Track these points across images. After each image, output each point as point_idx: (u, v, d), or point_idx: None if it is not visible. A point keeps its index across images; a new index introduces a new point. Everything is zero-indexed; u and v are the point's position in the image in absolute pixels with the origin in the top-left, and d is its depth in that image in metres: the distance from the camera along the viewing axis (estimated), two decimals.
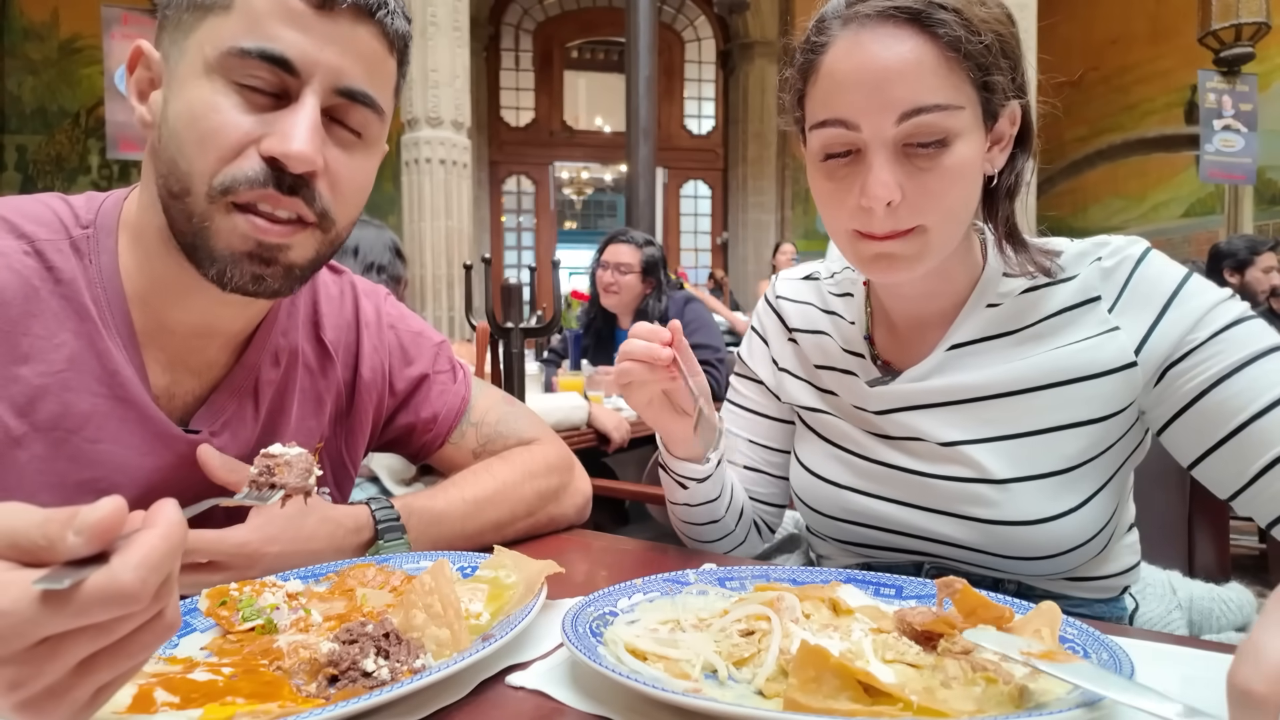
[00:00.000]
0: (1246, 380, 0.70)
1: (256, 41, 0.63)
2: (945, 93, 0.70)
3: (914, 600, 0.67)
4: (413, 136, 5.89)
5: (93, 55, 8.23)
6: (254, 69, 0.63)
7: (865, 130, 0.72)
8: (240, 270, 0.66)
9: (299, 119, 0.64)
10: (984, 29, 0.71)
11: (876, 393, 0.86)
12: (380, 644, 0.55)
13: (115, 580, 0.35)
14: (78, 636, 0.36)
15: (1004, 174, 0.80)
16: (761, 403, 1.02)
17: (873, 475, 0.88)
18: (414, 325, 0.98)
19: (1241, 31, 7.00)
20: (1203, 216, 8.56)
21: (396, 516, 0.81)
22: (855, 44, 0.72)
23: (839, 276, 0.97)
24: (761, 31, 10.16)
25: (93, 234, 0.71)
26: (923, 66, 0.70)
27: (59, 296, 0.69)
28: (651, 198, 5.45)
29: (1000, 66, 0.73)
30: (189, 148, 0.64)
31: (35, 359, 0.67)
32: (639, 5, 5.24)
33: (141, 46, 0.69)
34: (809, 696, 0.46)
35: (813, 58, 0.75)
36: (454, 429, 0.97)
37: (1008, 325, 0.82)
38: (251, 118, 0.64)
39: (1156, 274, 0.77)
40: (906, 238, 0.74)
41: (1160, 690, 0.43)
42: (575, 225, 12.12)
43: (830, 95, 0.74)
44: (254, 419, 0.80)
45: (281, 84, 0.65)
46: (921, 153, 0.72)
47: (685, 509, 0.94)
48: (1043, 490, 0.78)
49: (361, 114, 0.69)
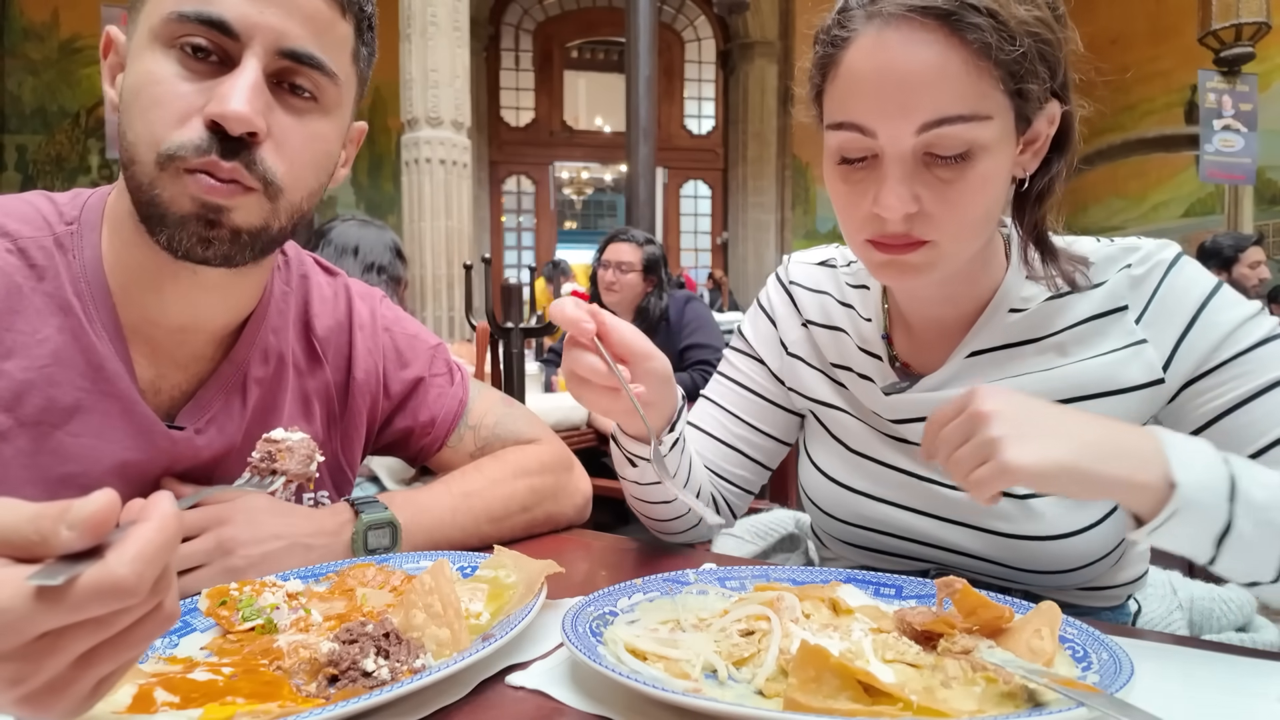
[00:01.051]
0: (1270, 405, 0.68)
1: (195, 6, 0.63)
2: (971, 102, 0.65)
3: (914, 600, 0.67)
4: (413, 136, 5.89)
5: (93, 55, 8.23)
6: (193, 32, 0.63)
7: (882, 138, 0.68)
8: (187, 232, 0.65)
9: (238, 81, 0.63)
10: (1021, 33, 0.65)
11: (892, 401, 0.83)
12: (380, 644, 0.55)
13: (111, 575, 0.34)
14: (76, 631, 0.35)
15: (1037, 177, 0.75)
16: (758, 381, 0.98)
17: (889, 482, 0.85)
18: (410, 328, 0.98)
19: (1241, 31, 7.00)
20: (1202, 216, 8.56)
21: (372, 499, 0.82)
22: (878, 43, 0.67)
23: (855, 266, 0.92)
24: (761, 31, 10.16)
25: (76, 229, 0.72)
26: (947, 74, 0.65)
27: (42, 293, 0.69)
28: (651, 198, 5.45)
29: (1036, 74, 0.67)
30: (136, 119, 0.64)
31: (19, 354, 0.67)
32: (639, 5, 5.24)
33: (111, 33, 0.69)
34: (809, 696, 0.46)
35: (833, 52, 0.71)
36: (452, 432, 0.97)
37: (1031, 333, 0.78)
38: (194, 85, 0.64)
39: (1185, 284, 0.74)
40: (918, 249, 0.71)
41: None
42: (575, 225, 12.12)
43: (848, 97, 0.69)
44: (241, 416, 0.80)
45: (222, 48, 0.64)
46: (942, 163, 0.67)
47: (635, 486, 0.89)
48: (1064, 504, 0.76)
49: (311, 76, 0.68)
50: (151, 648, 0.60)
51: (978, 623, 0.57)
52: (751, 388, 0.98)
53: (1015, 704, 0.48)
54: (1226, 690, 0.55)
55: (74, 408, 0.69)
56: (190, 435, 0.75)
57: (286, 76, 0.67)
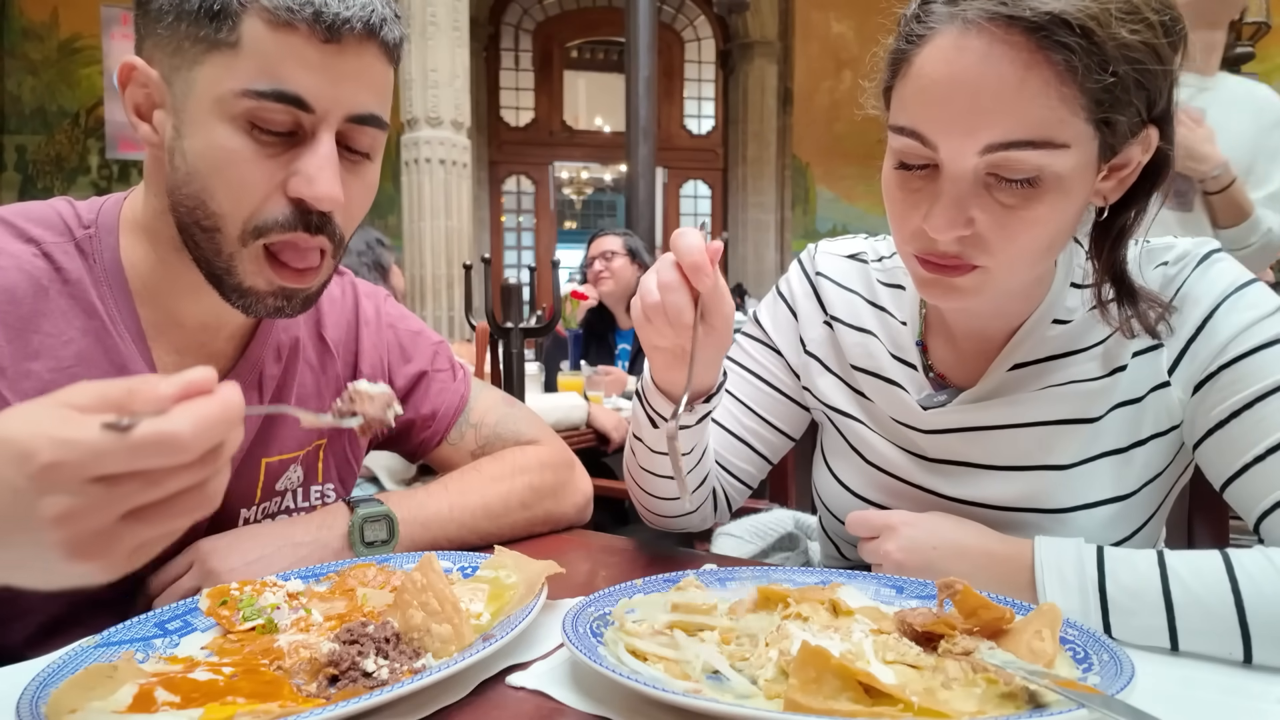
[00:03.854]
0: (1265, 412, 0.66)
1: (270, 83, 0.63)
2: (1047, 128, 0.59)
3: (914, 601, 0.67)
4: (412, 136, 5.89)
5: (92, 55, 8.23)
6: (269, 110, 0.64)
7: (943, 153, 0.63)
8: (264, 305, 0.71)
9: (319, 160, 0.66)
10: (1117, 58, 0.58)
11: (929, 414, 0.80)
12: (381, 645, 0.55)
13: (170, 426, 0.38)
14: (129, 481, 0.39)
15: (1120, 209, 0.68)
16: (774, 373, 0.93)
17: (911, 499, 0.83)
18: (413, 325, 1.01)
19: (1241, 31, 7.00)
20: None
21: (369, 497, 0.84)
22: (956, 48, 0.61)
23: (888, 263, 0.88)
24: (761, 31, 10.15)
25: (95, 233, 0.73)
26: (1025, 94, 0.59)
27: (67, 296, 0.71)
28: (651, 198, 5.45)
29: (1129, 105, 0.61)
30: (219, 192, 0.66)
31: (45, 355, 0.69)
32: (639, 5, 5.24)
33: (134, 63, 0.68)
34: (809, 697, 0.46)
35: (907, 49, 0.65)
36: (452, 426, 0.98)
37: (1072, 344, 0.75)
38: (273, 161, 0.66)
39: (1206, 284, 0.71)
40: (968, 273, 0.67)
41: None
42: (575, 225, 12.12)
43: (914, 101, 0.64)
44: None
45: (296, 120, 0.66)
46: (1006, 187, 0.62)
47: (645, 453, 0.83)
48: (1100, 520, 0.75)
49: (371, 135, 0.71)
50: (152, 647, 0.60)
51: (978, 624, 0.57)
52: (767, 379, 0.94)
53: (1016, 705, 0.48)
54: (1226, 691, 0.55)
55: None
56: None
57: (349, 138, 0.69)
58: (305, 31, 0.63)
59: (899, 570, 0.72)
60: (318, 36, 0.64)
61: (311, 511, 0.89)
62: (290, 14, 0.62)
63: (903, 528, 0.74)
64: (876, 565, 0.75)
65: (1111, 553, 0.65)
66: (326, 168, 0.66)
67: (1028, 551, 0.68)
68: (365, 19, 0.65)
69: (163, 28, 0.65)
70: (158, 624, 0.63)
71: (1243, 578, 0.60)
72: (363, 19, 0.65)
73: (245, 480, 0.82)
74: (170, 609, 0.65)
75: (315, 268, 0.71)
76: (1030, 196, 0.62)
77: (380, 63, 0.69)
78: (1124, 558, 0.65)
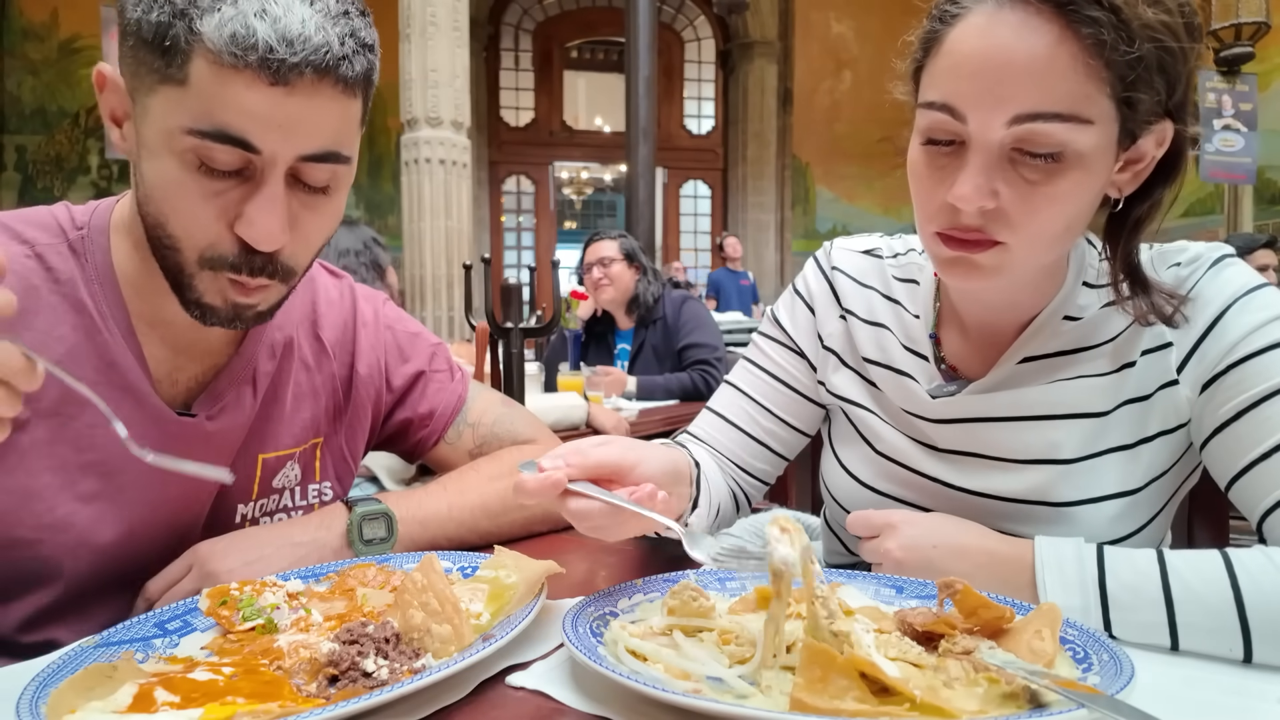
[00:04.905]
0: (1267, 414, 0.67)
1: (215, 125, 0.61)
2: (1073, 102, 0.62)
3: (914, 600, 0.67)
4: (412, 136, 5.89)
5: (92, 55, 8.24)
6: (215, 150, 0.62)
7: (972, 124, 0.65)
8: (217, 316, 0.71)
9: (261, 203, 0.64)
10: (1142, 36, 0.61)
11: (938, 403, 0.81)
12: (380, 645, 0.55)
13: None
14: None
15: (1135, 202, 0.71)
16: (791, 373, 0.94)
17: (919, 489, 0.83)
18: (411, 327, 1.01)
19: (1241, 31, 7.00)
20: (1203, 216, 8.56)
21: (368, 496, 0.85)
22: (988, 24, 0.63)
23: (902, 259, 0.90)
24: (761, 31, 10.16)
25: (87, 234, 0.75)
26: (1054, 67, 0.61)
27: (58, 294, 0.72)
28: (651, 198, 5.46)
29: (1151, 84, 0.63)
30: (172, 221, 0.66)
31: (37, 351, 0.69)
32: (639, 5, 5.24)
33: (104, 72, 0.68)
34: (815, 696, 0.46)
35: (939, 29, 0.67)
36: (450, 426, 0.99)
37: (1084, 340, 0.76)
38: (221, 199, 0.65)
39: (1218, 286, 0.72)
40: (989, 250, 0.68)
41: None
42: (575, 225, 12.13)
43: (944, 76, 0.66)
44: (251, 405, 0.83)
45: (245, 160, 0.64)
46: (1031, 162, 0.64)
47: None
48: (1107, 515, 0.75)
49: (329, 170, 0.68)
50: (152, 647, 0.60)
51: (978, 623, 0.57)
52: (784, 379, 0.94)
53: (1017, 705, 0.48)
54: (1226, 691, 0.55)
55: (88, 401, 0.71)
56: (201, 421, 0.78)
57: (304, 175, 0.67)
58: (250, 76, 0.60)
59: (899, 569, 0.72)
60: (264, 80, 0.61)
61: (309, 510, 0.89)
62: (235, 58, 0.59)
63: (903, 526, 0.74)
64: (877, 564, 0.75)
65: (1111, 550, 0.65)
66: (268, 210, 0.64)
67: (1028, 551, 0.68)
68: (318, 63, 0.62)
69: (126, 48, 0.64)
70: (157, 624, 0.63)
71: (1242, 575, 0.61)
72: (313, 63, 0.62)
73: (242, 476, 0.83)
74: (170, 609, 0.65)
75: (266, 286, 0.71)
76: (1054, 172, 0.64)
77: (337, 101, 0.65)
78: (1124, 555, 0.65)
